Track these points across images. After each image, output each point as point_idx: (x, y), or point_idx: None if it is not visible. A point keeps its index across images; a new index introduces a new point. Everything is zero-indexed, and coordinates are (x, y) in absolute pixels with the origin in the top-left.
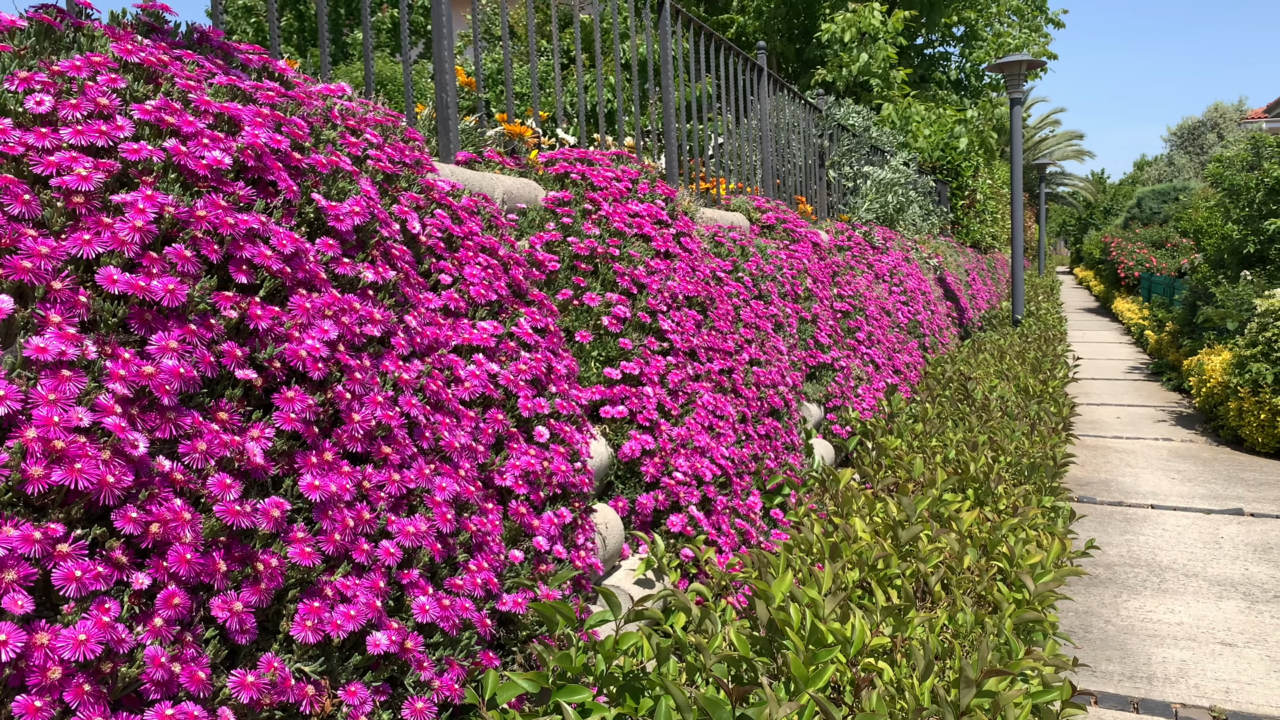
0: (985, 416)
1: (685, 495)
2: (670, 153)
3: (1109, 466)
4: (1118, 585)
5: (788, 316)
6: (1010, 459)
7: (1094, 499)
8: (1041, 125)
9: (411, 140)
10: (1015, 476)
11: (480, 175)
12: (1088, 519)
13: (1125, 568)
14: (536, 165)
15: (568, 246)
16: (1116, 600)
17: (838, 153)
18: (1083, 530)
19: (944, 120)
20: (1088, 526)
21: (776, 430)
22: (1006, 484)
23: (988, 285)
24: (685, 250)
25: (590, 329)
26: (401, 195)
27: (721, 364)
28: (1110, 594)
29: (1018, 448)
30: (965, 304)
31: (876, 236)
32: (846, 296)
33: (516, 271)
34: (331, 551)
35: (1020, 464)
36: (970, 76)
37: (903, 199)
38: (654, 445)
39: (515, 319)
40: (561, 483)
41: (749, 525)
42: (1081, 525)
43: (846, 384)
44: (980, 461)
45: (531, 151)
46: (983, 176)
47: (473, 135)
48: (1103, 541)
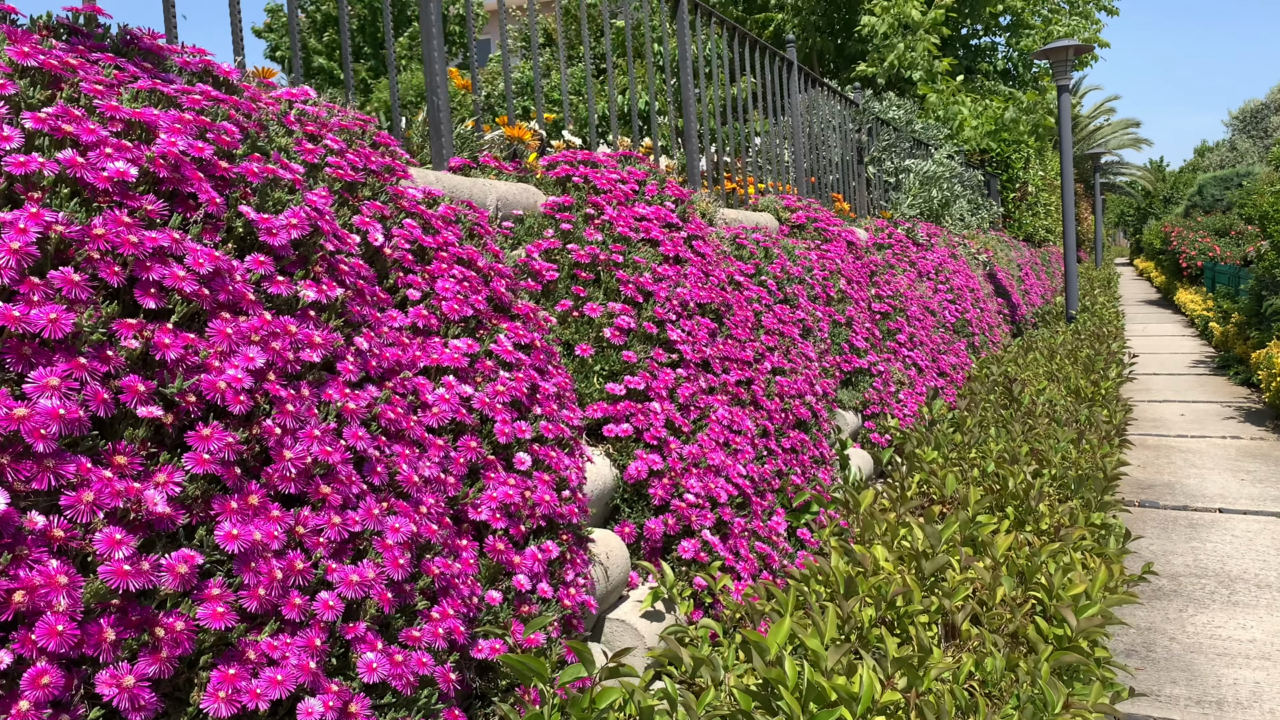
0: (1030, 423)
1: (697, 519)
2: (690, 153)
3: (1172, 468)
4: (1183, 598)
5: (817, 320)
6: (1055, 471)
7: (1156, 503)
8: (1096, 114)
9: (383, 146)
10: (1060, 491)
11: (472, 181)
12: (1150, 525)
13: (1191, 578)
14: (535, 169)
15: (567, 254)
16: (1182, 615)
17: (877, 148)
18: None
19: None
20: (1150, 534)
21: (803, 443)
22: (1050, 500)
23: (1041, 280)
24: (698, 254)
25: (591, 342)
26: (364, 205)
27: (739, 374)
28: (1175, 608)
29: (1064, 458)
30: (1017, 300)
31: (920, 233)
32: (886, 297)
33: (499, 283)
34: (256, 608)
35: (1066, 477)
36: (1018, 66)
37: (948, 193)
38: (662, 465)
39: (494, 335)
40: (546, 514)
41: (770, 548)
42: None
43: (885, 389)
44: (1020, 477)
45: (531, 155)
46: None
47: (468, 140)
48: (1166, 550)
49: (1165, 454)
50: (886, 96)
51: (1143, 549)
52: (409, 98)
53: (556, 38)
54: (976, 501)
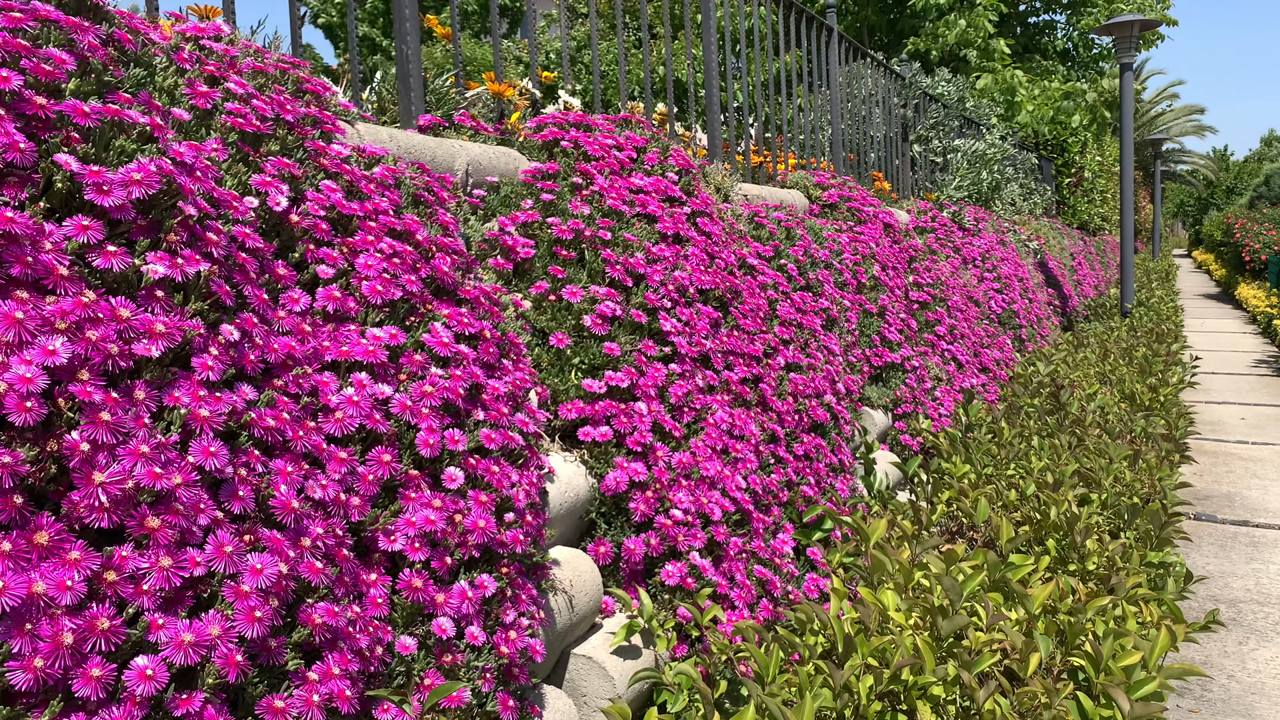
0: (1079, 433)
1: (685, 539)
2: (712, 122)
3: (1232, 477)
4: (1244, 629)
5: (844, 310)
6: (1106, 496)
7: (1214, 517)
8: (1158, 99)
9: (311, 94)
10: (1112, 521)
11: (437, 142)
12: (1206, 542)
13: (1253, 606)
14: (518, 131)
15: (547, 229)
16: (1242, 649)
17: (924, 125)
18: (1200, 556)
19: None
20: (1206, 551)
21: (819, 449)
22: (1099, 533)
23: (1095, 270)
24: (702, 233)
25: (570, 330)
26: (268, 162)
27: (744, 371)
28: (1234, 640)
29: (1116, 480)
30: (1069, 290)
31: (967, 217)
32: (925, 285)
33: (443, 261)
34: (30, 684)
35: (1119, 504)
36: (1078, 46)
37: (999, 175)
38: (646, 475)
39: (428, 323)
40: (482, 542)
41: (772, 573)
42: (1199, 549)
43: (920, 387)
44: (1064, 505)
45: (514, 115)
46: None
47: (445, 97)
48: (1225, 571)
49: (1224, 461)
50: (938, 71)
51: (1198, 568)
52: (448, 66)
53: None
54: (1010, 539)
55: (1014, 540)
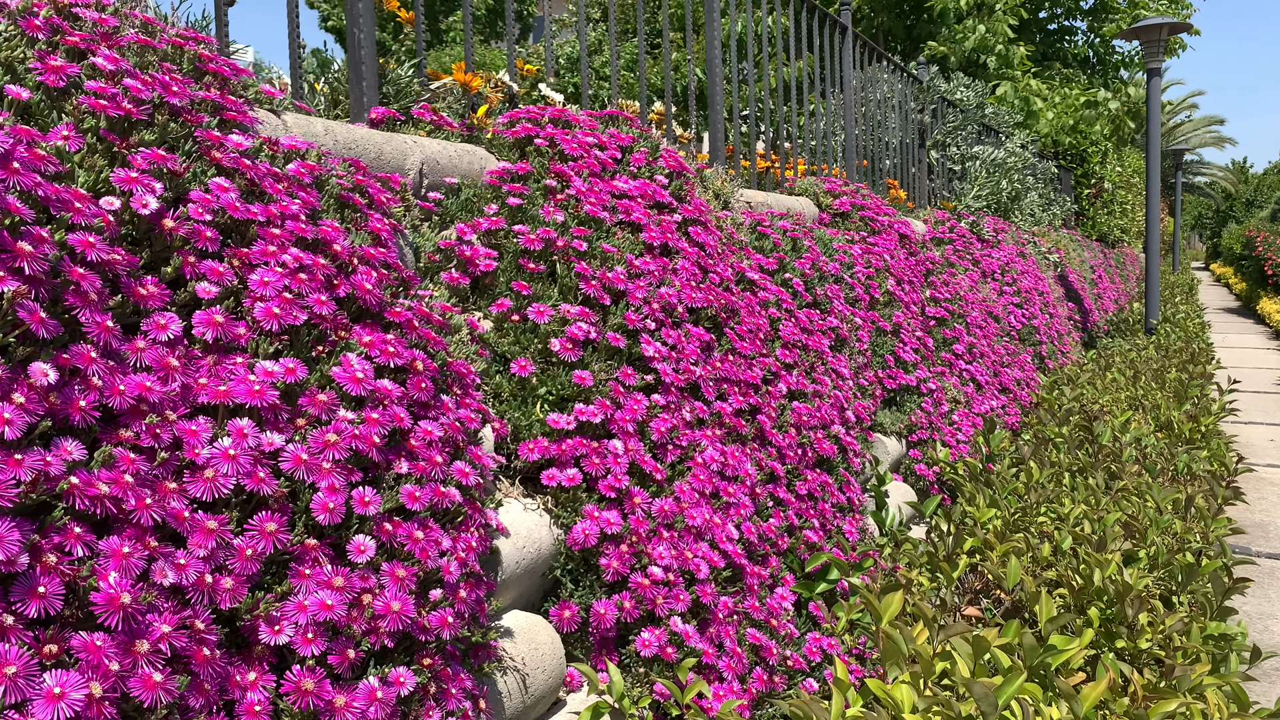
0: (1115, 470)
1: (665, 601)
2: (714, 122)
3: (1264, 504)
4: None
5: (855, 329)
6: (1156, 553)
7: (1249, 550)
8: (1178, 109)
9: (213, 75)
10: (1163, 582)
11: (385, 137)
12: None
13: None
14: (485, 126)
15: (514, 238)
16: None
17: (942, 131)
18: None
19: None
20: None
21: (825, 487)
22: (1150, 599)
23: (1115, 284)
24: (695, 244)
25: (535, 356)
26: (137, 155)
27: (740, 401)
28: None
29: (1166, 529)
30: (1090, 305)
31: (986, 228)
32: (942, 300)
33: (366, 277)
34: None
35: (1172, 564)
36: (1099, 53)
37: (1019, 185)
38: (621, 526)
39: (341, 353)
40: (397, 629)
41: (768, 637)
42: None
43: (936, 411)
44: (1111, 566)
45: (481, 108)
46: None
47: (406, 88)
48: (1265, 613)
49: (1255, 487)
50: (956, 76)
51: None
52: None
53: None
54: (1050, 619)
55: (1055, 620)
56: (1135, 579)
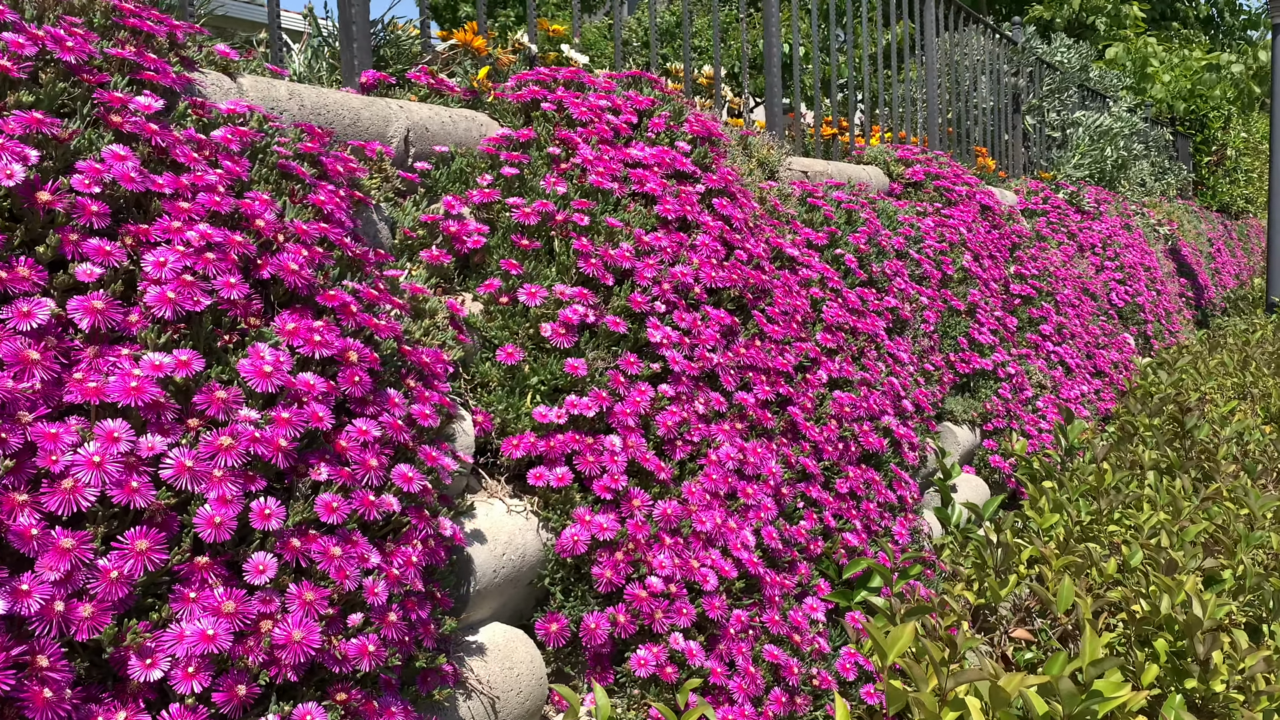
0: (1208, 468)
1: (665, 615)
2: (771, 86)
3: None
4: None
5: (921, 308)
6: (1244, 572)
7: None
8: None
9: (131, 31)
10: (1253, 608)
11: (364, 101)
12: None
13: None
14: (487, 90)
15: (508, 212)
16: None
17: (1037, 95)
18: None
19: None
20: None
21: (870, 484)
22: (1231, 632)
23: (1237, 257)
24: (719, 217)
25: (525, 341)
26: (9, 119)
27: (766, 391)
28: None
29: (1261, 544)
30: (1205, 281)
31: (1086, 198)
32: (1029, 276)
33: (292, 255)
34: None
35: (1262, 588)
36: (1223, 12)
37: (1124, 152)
38: (616, 531)
39: (251, 344)
40: (301, 660)
41: (788, 654)
42: None
43: (1016, 398)
44: (1182, 593)
45: (482, 69)
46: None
47: (404, 50)
48: None
49: None
50: (1058, 37)
51: None
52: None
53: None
54: (1095, 660)
55: (1099, 663)
56: (1213, 606)
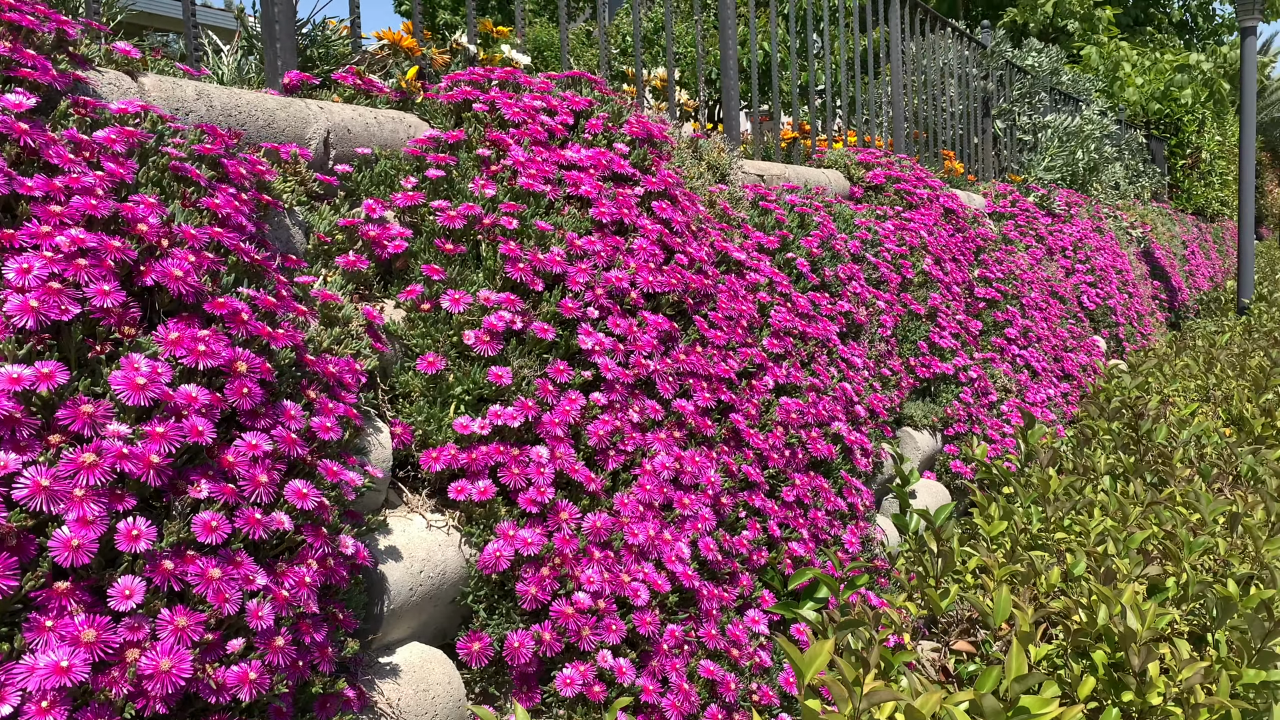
0: (1164, 473)
1: (593, 632)
2: (728, 88)
3: None
4: None
5: (878, 313)
6: (1187, 580)
7: None
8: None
9: (10, 26)
10: (1197, 616)
11: (280, 102)
12: None
13: None
14: (417, 90)
15: (432, 215)
16: None
17: (1008, 98)
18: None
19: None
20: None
21: (819, 492)
22: (1173, 639)
23: (1211, 260)
24: (659, 220)
25: (448, 349)
26: None
27: (707, 399)
28: None
29: (1206, 552)
30: (1178, 283)
31: (1057, 201)
32: (994, 280)
33: (177, 262)
34: None
35: (1205, 596)
36: (1196, 17)
37: (1096, 155)
38: (541, 547)
39: (125, 354)
40: (168, 692)
41: (725, 669)
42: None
43: (979, 402)
44: (1116, 608)
45: (411, 70)
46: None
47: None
48: None
49: None
50: (1029, 41)
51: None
52: (546, 55)
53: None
54: (1020, 676)
55: (1025, 678)
56: (1152, 616)
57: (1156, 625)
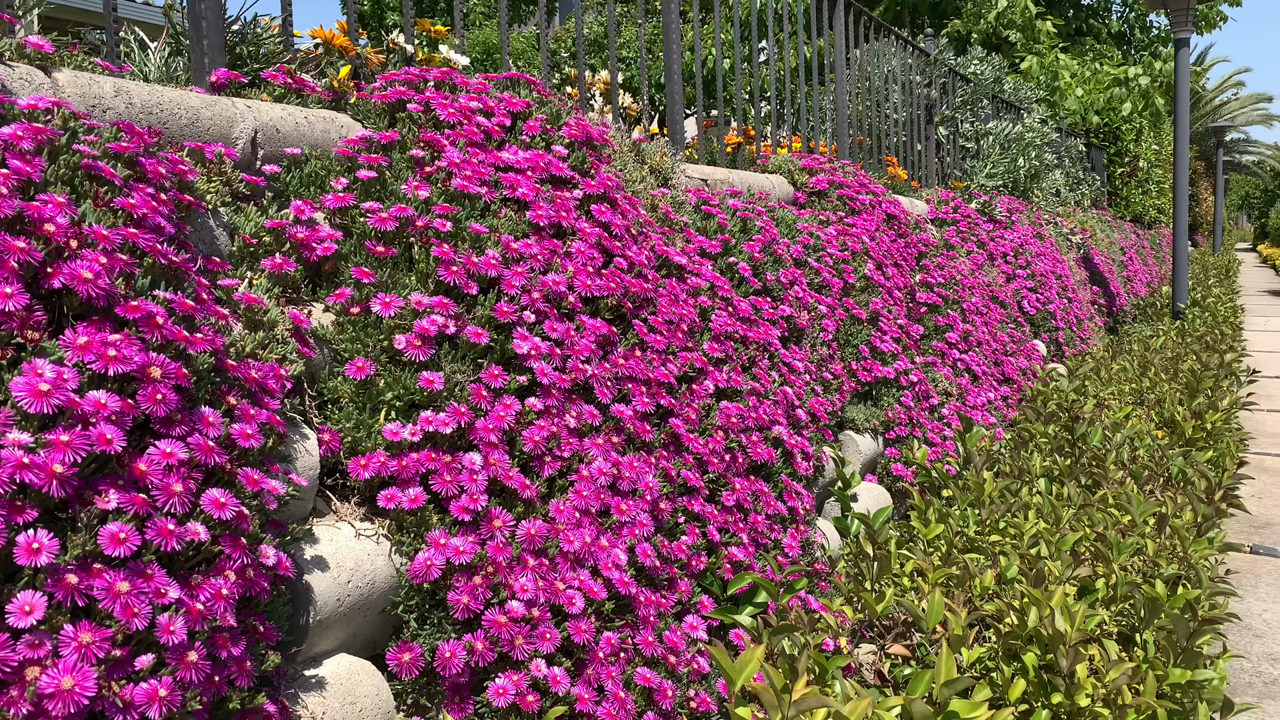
0: (1097, 475)
1: (527, 641)
2: (672, 92)
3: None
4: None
5: (819, 317)
6: (1116, 581)
7: (1274, 550)
8: (1222, 87)
9: None
10: (1122, 620)
11: (206, 101)
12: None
13: None
14: (350, 90)
15: (363, 217)
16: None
17: (951, 106)
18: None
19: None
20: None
21: (759, 497)
22: (1100, 642)
23: (1149, 265)
24: (598, 224)
25: (379, 355)
26: None
27: (646, 404)
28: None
29: (1136, 553)
30: (1117, 288)
31: (999, 208)
32: (936, 285)
33: (87, 264)
34: None
35: (1134, 597)
36: (1134, 28)
37: (1037, 163)
38: (473, 555)
39: (27, 359)
40: (70, 713)
41: (663, 676)
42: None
43: (920, 405)
44: (1046, 610)
45: (344, 69)
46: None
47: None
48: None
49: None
50: (972, 50)
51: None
52: (475, 54)
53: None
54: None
55: (953, 683)
56: (1081, 617)
57: (1086, 627)
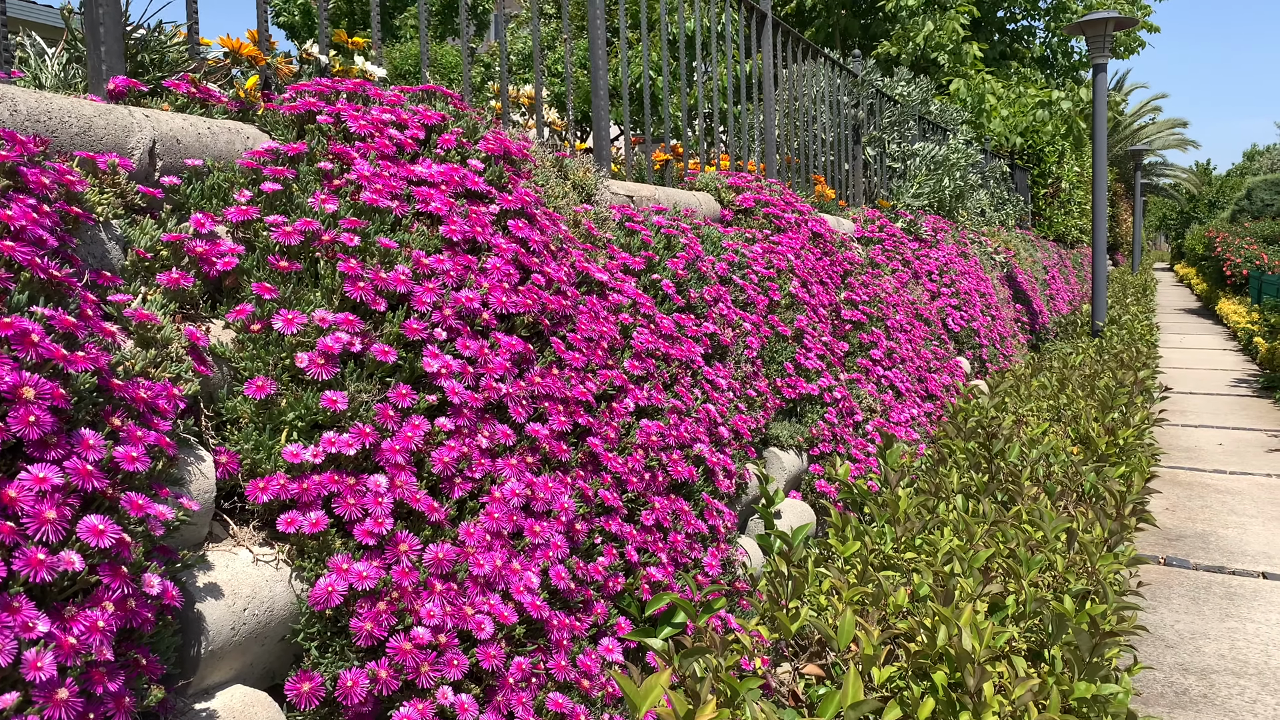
0: (1013, 491)
1: (434, 668)
2: (598, 110)
3: (1208, 513)
4: (1216, 708)
5: (744, 334)
6: (1025, 598)
7: (1186, 562)
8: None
9: None
10: (1032, 637)
11: (99, 109)
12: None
13: (1227, 678)
14: (257, 100)
15: (267, 231)
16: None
17: (878, 126)
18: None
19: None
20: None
21: (680, 516)
22: (1009, 659)
23: (1071, 284)
24: (515, 239)
25: (280, 373)
26: None
27: (563, 422)
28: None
29: (1046, 569)
30: (1039, 306)
31: (924, 227)
32: (861, 302)
33: None
34: None
35: (1043, 613)
36: (1057, 53)
37: (961, 183)
38: (378, 580)
39: None
40: None
41: (576, 701)
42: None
43: (844, 422)
44: (954, 629)
45: (251, 79)
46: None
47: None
48: (1196, 632)
49: (1199, 494)
50: (899, 71)
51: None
52: (407, 67)
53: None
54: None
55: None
56: (989, 635)
57: (995, 644)
